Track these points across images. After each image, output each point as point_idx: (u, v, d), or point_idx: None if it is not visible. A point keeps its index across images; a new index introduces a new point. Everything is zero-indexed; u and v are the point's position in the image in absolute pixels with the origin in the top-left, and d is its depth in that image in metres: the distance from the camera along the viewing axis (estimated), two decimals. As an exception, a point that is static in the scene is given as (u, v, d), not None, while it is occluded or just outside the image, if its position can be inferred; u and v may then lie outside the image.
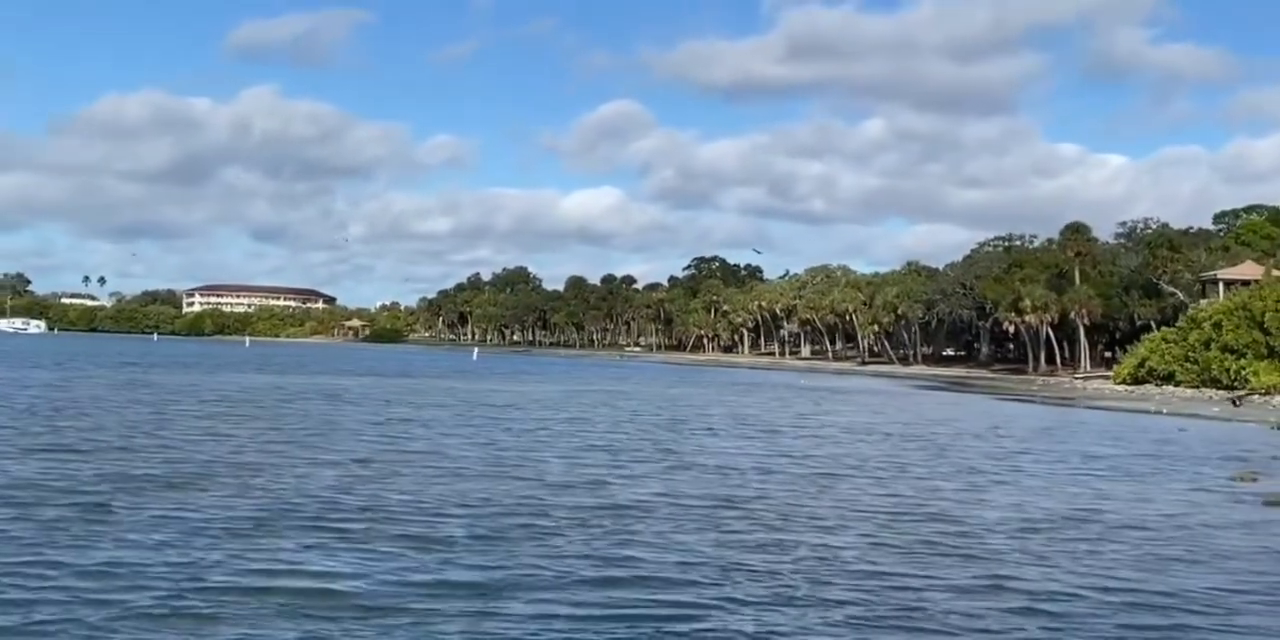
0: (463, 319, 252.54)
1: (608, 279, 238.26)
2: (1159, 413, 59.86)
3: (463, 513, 16.56)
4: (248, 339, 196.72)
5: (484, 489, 19.27)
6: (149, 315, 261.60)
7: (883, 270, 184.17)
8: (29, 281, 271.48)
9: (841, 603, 11.74)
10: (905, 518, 17.91)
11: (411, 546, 13.77)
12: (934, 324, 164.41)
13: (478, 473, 21.67)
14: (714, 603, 11.49)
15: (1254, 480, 25.74)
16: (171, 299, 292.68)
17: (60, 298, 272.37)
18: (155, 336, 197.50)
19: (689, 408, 50.02)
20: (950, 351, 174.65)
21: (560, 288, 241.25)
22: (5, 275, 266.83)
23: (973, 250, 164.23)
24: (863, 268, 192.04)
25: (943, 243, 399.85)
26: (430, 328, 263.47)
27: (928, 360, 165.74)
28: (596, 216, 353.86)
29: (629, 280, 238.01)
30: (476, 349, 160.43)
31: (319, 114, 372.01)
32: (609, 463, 24.66)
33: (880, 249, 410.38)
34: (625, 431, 34.27)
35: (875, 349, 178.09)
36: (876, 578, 13.09)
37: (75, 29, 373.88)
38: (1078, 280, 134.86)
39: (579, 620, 10.57)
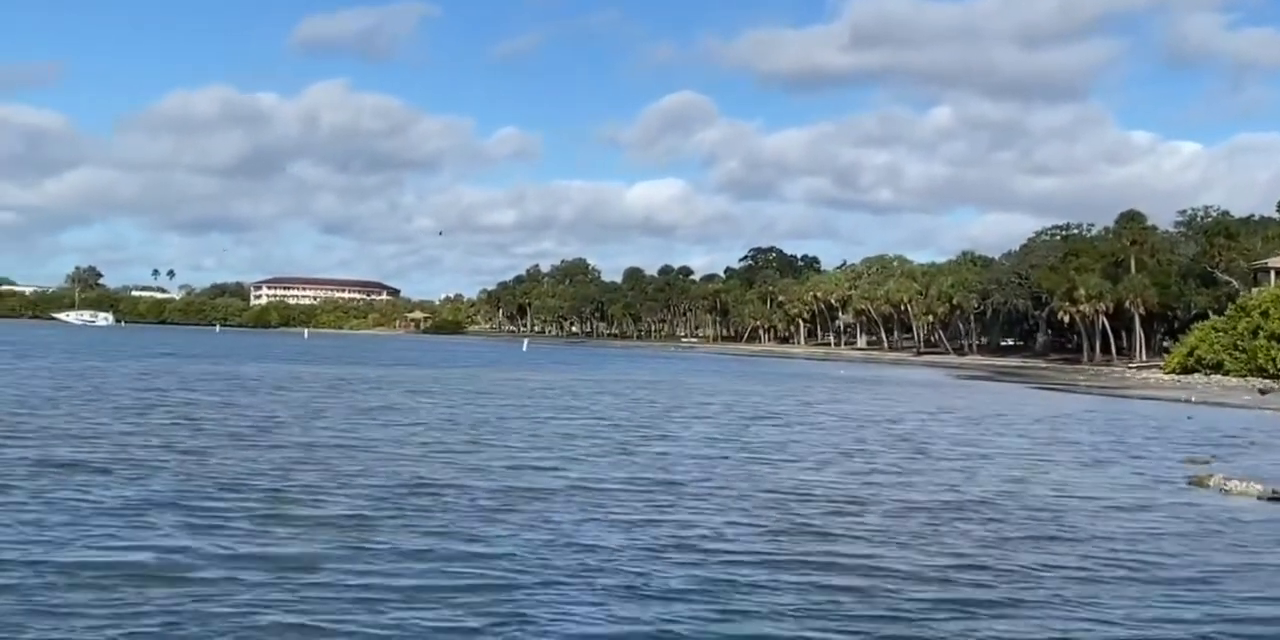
0: (522, 311, 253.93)
1: (665, 270, 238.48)
2: (1188, 401, 58.99)
3: (332, 491, 16.80)
4: (306, 331, 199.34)
5: (369, 469, 19.52)
6: (217, 308, 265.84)
7: (953, 261, 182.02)
8: (100, 275, 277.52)
9: (640, 574, 11.79)
10: (787, 499, 17.88)
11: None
12: (989, 314, 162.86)
13: (379, 456, 21.90)
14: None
15: (1206, 463, 25.39)
16: (239, 292, 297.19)
17: (131, 291, 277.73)
18: (218, 328, 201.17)
19: (689, 395, 50.00)
20: (1009, 342, 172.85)
21: (622, 280, 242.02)
22: (77, 269, 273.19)
23: (1030, 239, 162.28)
24: (931, 258, 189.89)
25: (1011, 232, 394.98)
26: (490, 319, 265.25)
27: (984, 350, 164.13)
28: (660, 208, 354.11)
29: (686, 271, 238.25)
30: (526, 340, 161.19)
31: (386, 108, 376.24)
32: (542, 446, 24.77)
33: (948, 239, 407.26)
34: (598, 417, 34.34)
35: (932, 339, 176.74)
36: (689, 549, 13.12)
37: (142, 26, 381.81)
38: (1133, 269, 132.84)
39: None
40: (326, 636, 9.37)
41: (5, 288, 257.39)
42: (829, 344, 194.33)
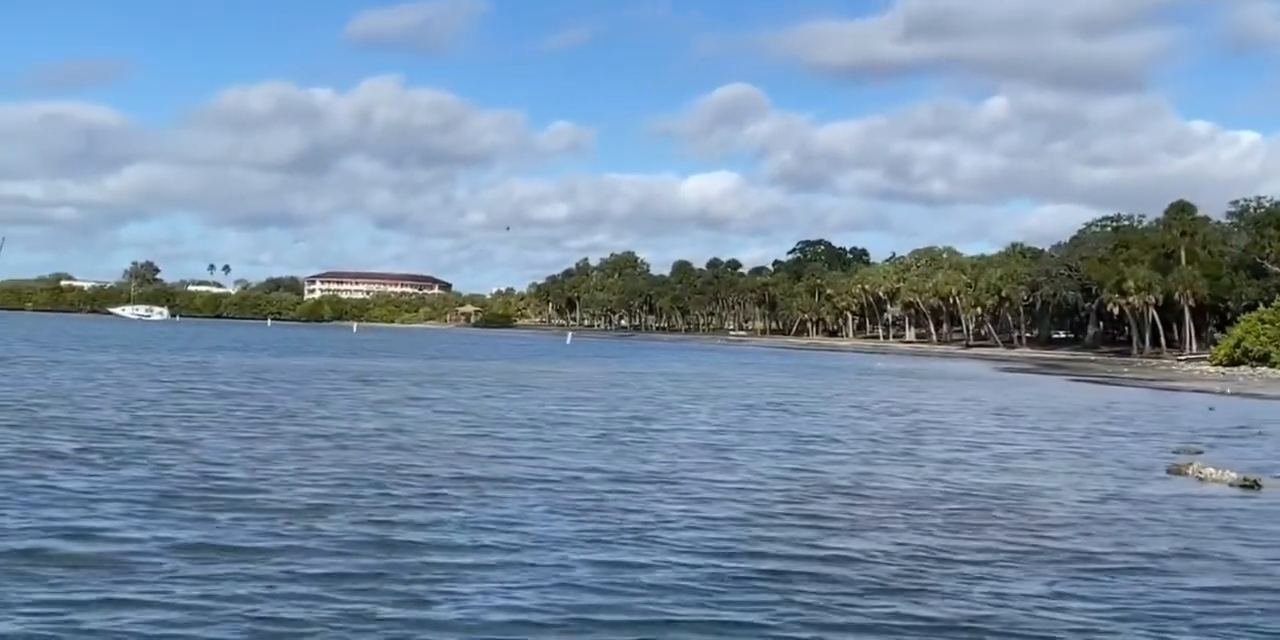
0: (571, 304, 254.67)
1: (713, 263, 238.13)
2: (1224, 393, 58.43)
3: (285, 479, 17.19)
4: (354, 325, 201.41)
5: (342, 459, 19.90)
6: (271, 302, 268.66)
7: (1002, 253, 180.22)
8: (158, 270, 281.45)
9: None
10: (746, 488, 18.08)
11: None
12: (1039, 306, 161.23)
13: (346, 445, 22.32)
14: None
15: (1198, 453, 25.25)
16: (294, 286, 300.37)
17: (187, 285, 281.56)
18: (269, 322, 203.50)
19: (707, 387, 50.17)
20: (1061, 334, 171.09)
21: (670, 273, 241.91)
22: (135, 264, 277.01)
23: (1080, 231, 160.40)
24: (986, 251, 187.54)
25: (1068, 224, 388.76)
26: (540, 313, 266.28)
27: (1034, 343, 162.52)
28: (713, 201, 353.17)
29: (734, 264, 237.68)
30: (570, 334, 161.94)
31: (439, 103, 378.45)
32: (510, 434, 25.09)
33: (1003, 231, 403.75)
34: (595, 408, 34.58)
35: (982, 332, 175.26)
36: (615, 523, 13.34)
37: (199, 23, 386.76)
38: (1184, 261, 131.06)
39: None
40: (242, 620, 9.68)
41: (65, 283, 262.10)
42: (877, 337, 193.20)
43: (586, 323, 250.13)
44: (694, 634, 9.63)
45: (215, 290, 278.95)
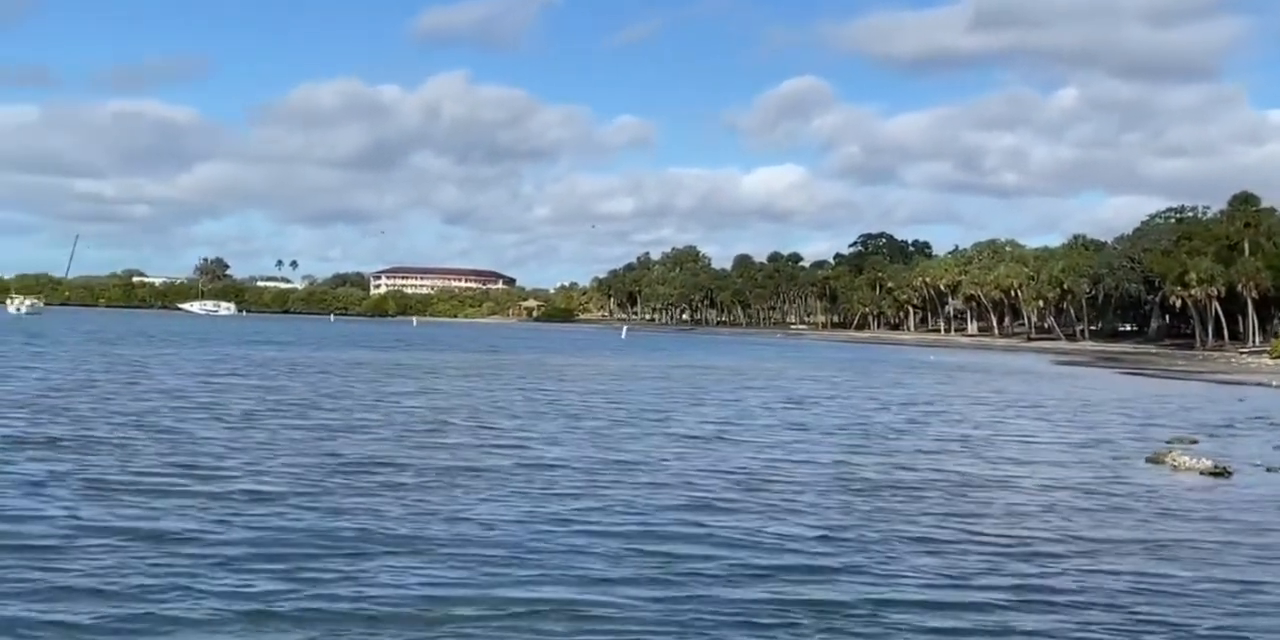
0: (632, 298, 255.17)
1: (774, 257, 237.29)
2: (1270, 385, 57.69)
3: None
4: (415, 319, 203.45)
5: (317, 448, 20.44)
6: (337, 297, 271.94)
7: (1065, 245, 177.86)
8: (227, 266, 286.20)
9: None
10: (708, 477, 18.34)
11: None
12: (1101, 299, 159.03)
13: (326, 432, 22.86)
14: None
15: (1191, 443, 25.07)
16: (360, 281, 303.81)
17: (256, 281, 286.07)
18: (332, 318, 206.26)
19: (735, 380, 50.31)
20: (1127, 327, 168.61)
21: (732, 267, 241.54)
22: (205, 260, 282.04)
23: (1143, 222, 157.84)
24: (1059, 243, 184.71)
25: (1141, 215, 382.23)
26: (602, 307, 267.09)
27: (1097, 336, 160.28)
28: (779, 194, 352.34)
29: (795, 258, 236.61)
30: (625, 327, 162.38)
31: (505, 98, 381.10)
32: (501, 425, 25.54)
33: (1075, 223, 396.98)
34: (617, 403, 34.91)
35: (1045, 325, 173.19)
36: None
37: (270, 22, 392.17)
38: (1247, 252, 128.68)
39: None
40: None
41: (137, 279, 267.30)
42: (939, 330, 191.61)
43: (648, 317, 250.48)
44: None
45: (283, 286, 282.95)
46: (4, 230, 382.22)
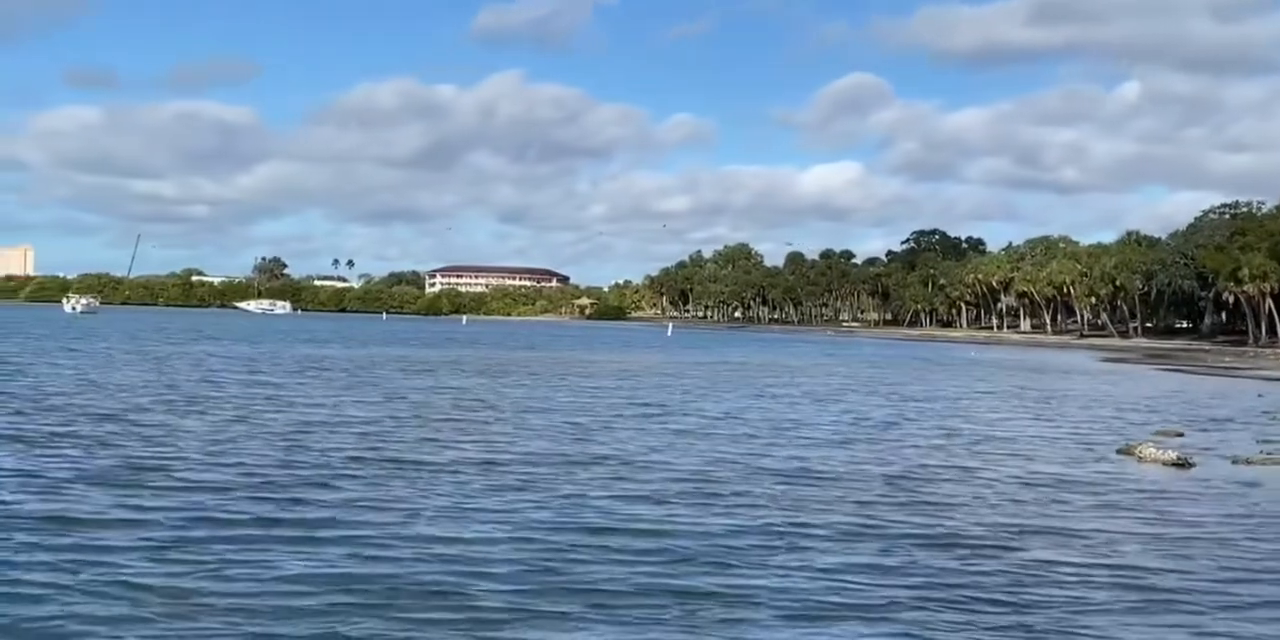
0: (684, 296, 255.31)
1: (826, 254, 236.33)
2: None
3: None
4: (464, 318, 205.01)
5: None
6: (393, 296, 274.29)
7: (1119, 241, 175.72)
8: (285, 265, 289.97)
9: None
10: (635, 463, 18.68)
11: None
12: (1154, 295, 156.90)
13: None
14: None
15: (1177, 436, 25.07)
16: (415, 280, 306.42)
17: (313, 280, 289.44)
18: (384, 316, 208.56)
19: (745, 375, 50.47)
20: (1183, 324, 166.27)
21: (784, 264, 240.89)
22: (263, 259, 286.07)
23: (1196, 218, 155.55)
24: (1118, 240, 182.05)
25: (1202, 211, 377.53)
26: (654, 305, 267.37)
27: (1150, 333, 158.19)
28: (836, 191, 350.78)
29: (848, 255, 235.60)
30: (670, 325, 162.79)
31: (561, 97, 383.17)
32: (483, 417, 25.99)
33: (1137, 218, 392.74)
34: (617, 397, 35.28)
35: (1098, 322, 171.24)
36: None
37: (327, 22, 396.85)
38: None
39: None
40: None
41: (196, 278, 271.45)
42: (992, 327, 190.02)
43: (700, 314, 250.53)
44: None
45: (339, 285, 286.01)
46: (69, 230, 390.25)
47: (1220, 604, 10.66)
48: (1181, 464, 20.06)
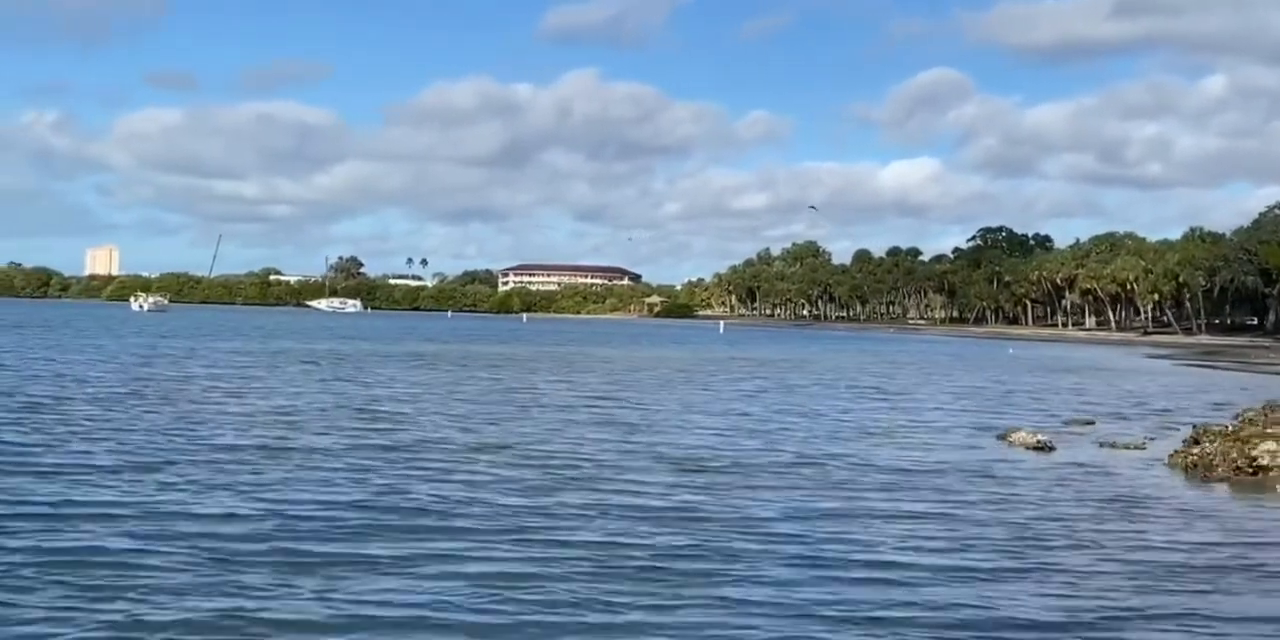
0: (751, 294, 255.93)
1: (893, 251, 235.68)
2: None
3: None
4: (524, 316, 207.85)
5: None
6: (466, 294, 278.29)
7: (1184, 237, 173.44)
8: (361, 264, 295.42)
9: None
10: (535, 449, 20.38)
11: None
12: (1218, 292, 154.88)
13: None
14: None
15: (1087, 425, 26.36)
16: (489, 279, 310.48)
17: (389, 279, 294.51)
18: (450, 314, 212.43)
19: (739, 370, 51.84)
20: (1252, 320, 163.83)
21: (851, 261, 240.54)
22: (340, 258, 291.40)
23: (1261, 214, 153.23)
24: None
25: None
26: (723, 303, 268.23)
27: (1215, 330, 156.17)
28: (914, 188, 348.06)
29: (915, 252, 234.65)
30: (723, 323, 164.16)
31: (636, 95, 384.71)
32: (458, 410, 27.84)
33: (1222, 214, 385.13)
34: (579, 392, 36.92)
35: (1165, 319, 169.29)
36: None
37: (403, 22, 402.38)
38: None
39: None
40: None
41: (273, 277, 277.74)
42: (1057, 325, 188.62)
43: (767, 312, 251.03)
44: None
45: (413, 284, 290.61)
46: (153, 230, 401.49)
47: (908, 575, 11.74)
48: (1042, 448, 21.34)
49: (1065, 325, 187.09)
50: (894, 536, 13.38)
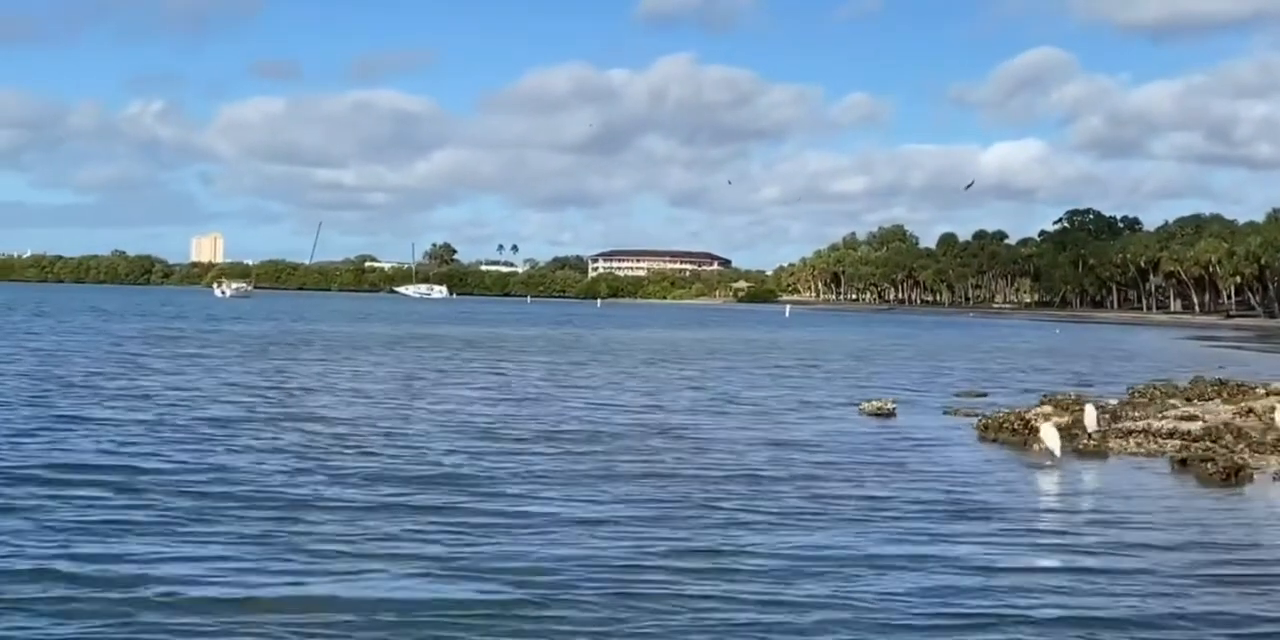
0: (836, 279, 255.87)
1: (979, 235, 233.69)
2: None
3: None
4: (599, 301, 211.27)
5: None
6: (555, 280, 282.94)
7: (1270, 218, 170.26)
8: (454, 251, 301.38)
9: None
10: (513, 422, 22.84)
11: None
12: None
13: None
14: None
15: (979, 396, 28.45)
16: (579, 265, 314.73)
17: (481, 265, 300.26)
18: (529, 300, 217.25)
19: (770, 353, 53.73)
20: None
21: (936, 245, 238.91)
22: (433, 245, 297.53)
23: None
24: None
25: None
26: (809, 288, 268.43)
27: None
28: (1017, 170, 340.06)
29: (1000, 236, 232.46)
30: (789, 307, 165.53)
31: (731, 79, 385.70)
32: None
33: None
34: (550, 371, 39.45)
35: (1251, 302, 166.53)
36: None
37: (499, 10, 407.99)
38: None
39: None
40: None
41: (369, 264, 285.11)
42: (1142, 308, 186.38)
43: (852, 297, 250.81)
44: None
45: (504, 270, 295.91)
46: (255, 218, 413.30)
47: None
48: (883, 413, 23.51)
49: (1150, 309, 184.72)
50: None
